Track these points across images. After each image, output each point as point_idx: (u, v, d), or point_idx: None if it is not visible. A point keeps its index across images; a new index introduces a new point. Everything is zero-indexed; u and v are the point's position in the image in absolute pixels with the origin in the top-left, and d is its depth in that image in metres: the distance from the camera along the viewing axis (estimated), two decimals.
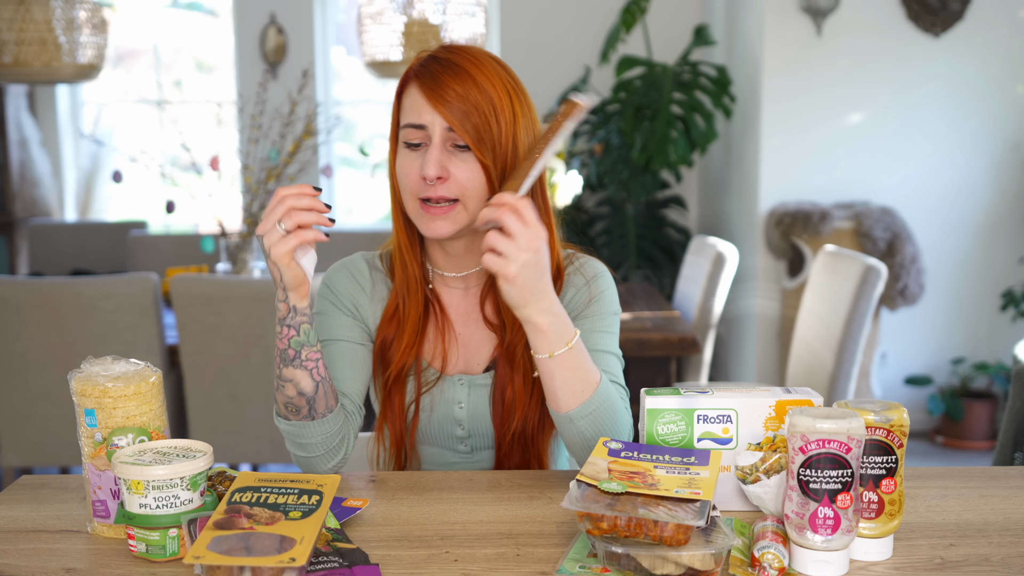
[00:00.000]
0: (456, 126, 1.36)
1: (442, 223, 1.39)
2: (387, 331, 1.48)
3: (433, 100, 1.36)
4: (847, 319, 2.83)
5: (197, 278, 2.93)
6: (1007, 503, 1.27)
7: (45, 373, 2.94)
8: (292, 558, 1.00)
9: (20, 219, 5.27)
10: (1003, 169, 4.27)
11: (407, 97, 1.41)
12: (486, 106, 1.37)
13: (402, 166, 1.40)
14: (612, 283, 1.52)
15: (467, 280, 1.50)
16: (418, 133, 1.38)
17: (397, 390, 1.48)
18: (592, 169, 4.86)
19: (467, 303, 1.51)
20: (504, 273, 1.22)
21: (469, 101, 1.36)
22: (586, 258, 1.54)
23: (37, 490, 1.34)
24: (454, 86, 1.36)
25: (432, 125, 1.37)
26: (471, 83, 1.37)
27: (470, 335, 1.50)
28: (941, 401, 4.23)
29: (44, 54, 3.26)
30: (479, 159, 1.37)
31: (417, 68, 1.41)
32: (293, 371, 1.34)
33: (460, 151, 1.38)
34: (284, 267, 1.27)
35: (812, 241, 4.06)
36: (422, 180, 1.37)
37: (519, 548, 1.13)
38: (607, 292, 1.50)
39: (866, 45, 4.19)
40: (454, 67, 1.38)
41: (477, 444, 1.51)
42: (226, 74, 5.77)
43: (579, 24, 5.26)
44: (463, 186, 1.37)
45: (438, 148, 1.37)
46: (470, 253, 1.47)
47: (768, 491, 1.17)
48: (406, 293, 1.47)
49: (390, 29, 3.46)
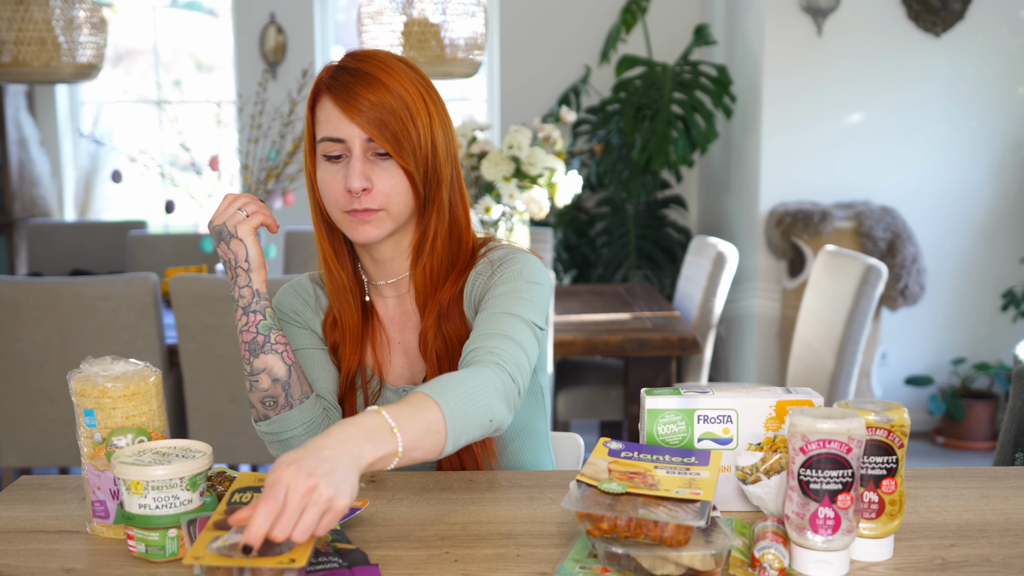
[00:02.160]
0: (375, 135, 1.34)
1: (369, 228, 1.38)
2: (334, 335, 1.49)
3: (348, 112, 1.35)
4: (847, 319, 2.83)
5: (197, 278, 2.93)
6: (1008, 503, 1.26)
7: (44, 373, 2.94)
8: (292, 559, 1.00)
9: (19, 219, 5.26)
10: (1004, 169, 4.27)
11: (321, 110, 1.39)
12: (402, 111, 1.35)
13: (324, 180, 1.39)
14: (530, 261, 1.42)
15: (398, 287, 1.49)
16: (337, 146, 1.37)
17: (348, 400, 1.49)
18: (592, 169, 4.86)
19: (402, 310, 1.50)
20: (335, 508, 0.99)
21: (384, 108, 1.35)
22: (505, 247, 1.46)
23: (36, 490, 1.34)
24: (367, 95, 1.35)
25: (350, 137, 1.36)
26: (384, 90, 1.35)
27: (409, 342, 1.49)
28: (942, 401, 4.23)
29: (43, 54, 3.25)
30: (401, 165, 1.36)
31: (327, 80, 1.38)
32: (264, 358, 1.36)
33: (381, 159, 1.37)
34: (251, 244, 1.36)
35: (812, 241, 4.05)
36: (347, 193, 1.37)
37: (519, 548, 1.13)
38: (516, 265, 1.40)
39: (867, 45, 4.19)
40: (365, 75, 1.36)
41: None
42: (226, 74, 5.76)
43: (579, 24, 5.25)
44: (387, 195, 1.37)
45: (360, 159, 1.36)
46: (397, 257, 1.46)
47: (768, 491, 1.17)
48: (339, 302, 1.48)
49: (390, 29, 3.46)
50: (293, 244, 4.27)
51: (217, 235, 1.37)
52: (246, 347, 1.38)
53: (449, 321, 1.43)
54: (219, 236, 1.37)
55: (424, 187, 1.39)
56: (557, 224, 4.88)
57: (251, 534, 0.95)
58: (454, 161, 1.44)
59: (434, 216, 1.42)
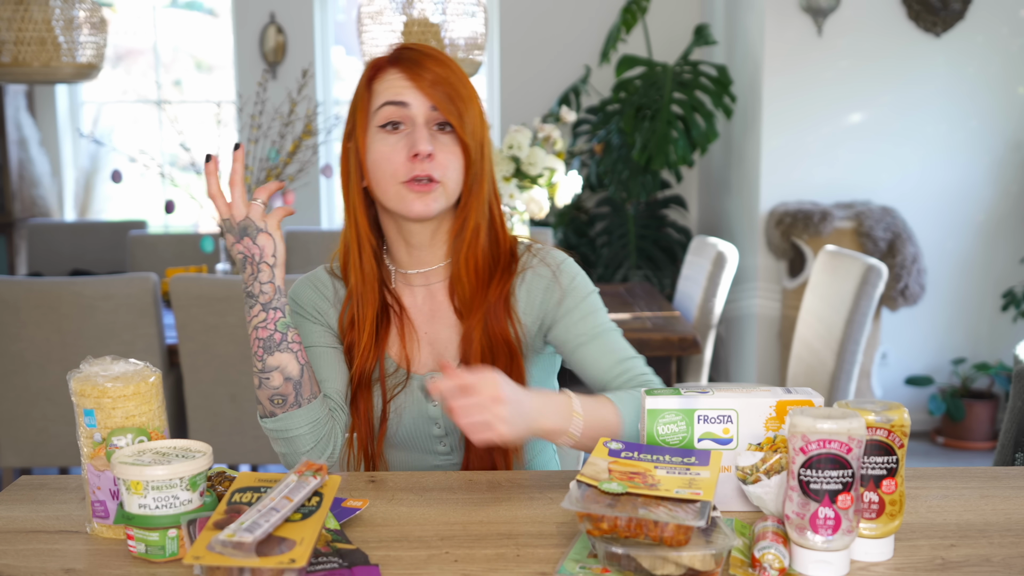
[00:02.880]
0: (441, 104, 1.36)
1: (428, 199, 1.38)
2: (350, 335, 1.48)
3: (415, 80, 1.37)
4: (848, 319, 2.83)
5: (196, 278, 2.93)
6: (1008, 503, 1.26)
7: (44, 373, 2.94)
8: (292, 559, 1.00)
9: (19, 219, 5.26)
10: (1004, 169, 4.27)
11: (381, 82, 1.40)
12: (464, 90, 1.39)
13: (380, 152, 1.39)
14: (578, 267, 1.52)
15: (428, 277, 1.49)
16: (399, 111, 1.37)
17: (362, 396, 1.47)
18: (592, 169, 4.86)
19: (432, 301, 1.49)
20: (502, 436, 1.21)
21: (449, 83, 1.38)
22: (546, 246, 1.53)
23: (36, 490, 1.34)
24: (434, 68, 1.38)
25: (416, 102, 1.37)
26: (448, 67, 1.39)
27: (436, 333, 1.49)
28: (942, 401, 4.23)
29: (43, 54, 3.25)
30: (460, 139, 1.38)
31: (391, 56, 1.41)
32: (279, 356, 1.35)
33: (441, 132, 1.38)
34: (279, 238, 1.35)
35: (813, 241, 4.05)
36: (409, 161, 1.37)
37: (519, 548, 1.13)
38: (578, 276, 1.50)
39: (867, 45, 4.19)
40: (429, 54, 1.39)
41: (456, 443, 1.50)
42: (226, 74, 5.76)
43: (579, 24, 5.25)
44: (445, 167, 1.38)
45: (423, 128, 1.37)
46: (434, 245, 1.47)
47: (768, 491, 1.17)
48: (362, 291, 1.46)
49: (390, 29, 3.46)
50: (293, 244, 4.27)
51: (241, 230, 1.34)
52: (260, 344, 1.36)
53: (496, 320, 1.44)
54: (243, 231, 1.34)
55: (471, 173, 1.41)
56: (557, 224, 4.88)
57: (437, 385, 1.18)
58: (491, 160, 1.46)
59: (474, 207, 1.43)
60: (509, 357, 1.44)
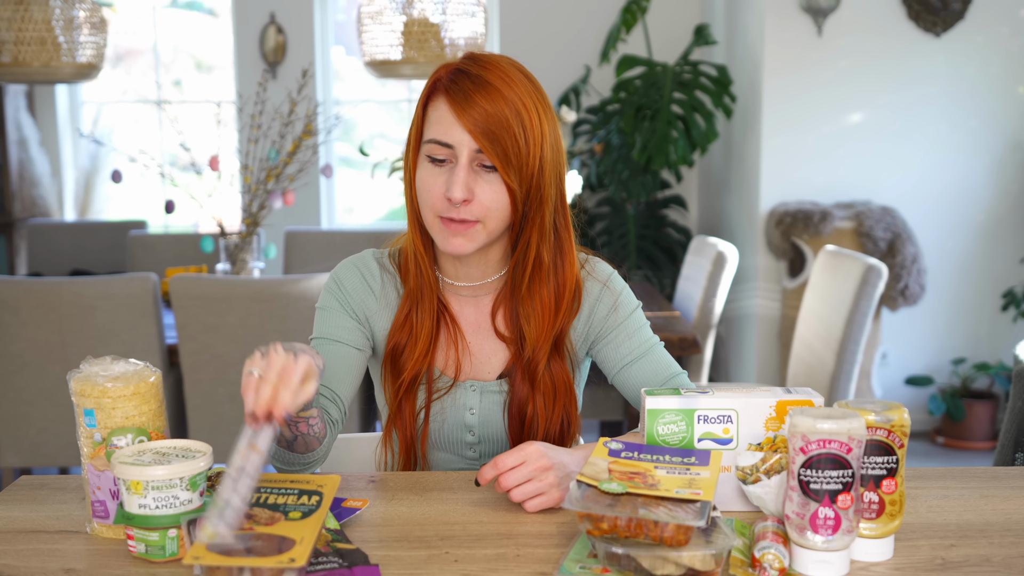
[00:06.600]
0: (485, 148, 1.32)
1: (462, 240, 1.37)
2: (399, 337, 1.46)
3: (462, 118, 1.33)
4: (848, 319, 2.83)
5: (196, 278, 2.92)
6: (1008, 503, 1.26)
7: (44, 373, 2.94)
8: (292, 558, 1.00)
9: (19, 219, 5.26)
10: (1004, 169, 4.27)
11: (434, 111, 1.36)
12: (516, 125, 1.33)
13: (424, 181, 1.37)
14: (623, 281, 1.53)
15: (476, 290, 1.49)
16: (444, 150, 1.35)
17: (408, 397, 1.47)
18: (592, 169, 4.86)
19: (477, 313, 1.49)
20: (557, 502, 1.25)
21: (498, 120, 1.32)
22: (592, 260, 1.53)
23: (36, 490, 1.34)
24: (484, 104, 1.32)
25: (460, 144, 1.33)
26: (502, 101, 1.33)
27: (480, 344, 1.49)
28: (942, 401, 4.23)
29: (43, 54, 3.25)
30: (505, 181, 1.34)
31: (446, 81, 1.36)
32: (302, 440, 1.32)
33: (486, 171, 1.35)
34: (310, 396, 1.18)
35: (813, 241, 4.05)
36: (445, 199, 1.35)
37: (519, 548, 1.13)
38: (624, 291, 1.51)
39: (867, 45, 4.19)
40: (485, 84, 1.33)
41: (486, 450, 1.51)
42: (225, 74, 5.76)
43: (579, 24, 5.25)
44: (486, 208, 1.35)
45: (465, 169, 1.34)
46: (483, 265, 1.46)
47: (768, 491, 1.17)
48: (419, 298, 1.45)
49: (390, 29, 3.46)
50: (293, 244, 4.27)
51: (292, 423, 1.28)
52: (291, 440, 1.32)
53: (559, 352, 1.46)
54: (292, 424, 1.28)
55: (524, 204, 1.38)
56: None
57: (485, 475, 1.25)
58: (559, 181, 1.41)
59: (535, 235, 1.40)
60: (566, 389, 1.47)
